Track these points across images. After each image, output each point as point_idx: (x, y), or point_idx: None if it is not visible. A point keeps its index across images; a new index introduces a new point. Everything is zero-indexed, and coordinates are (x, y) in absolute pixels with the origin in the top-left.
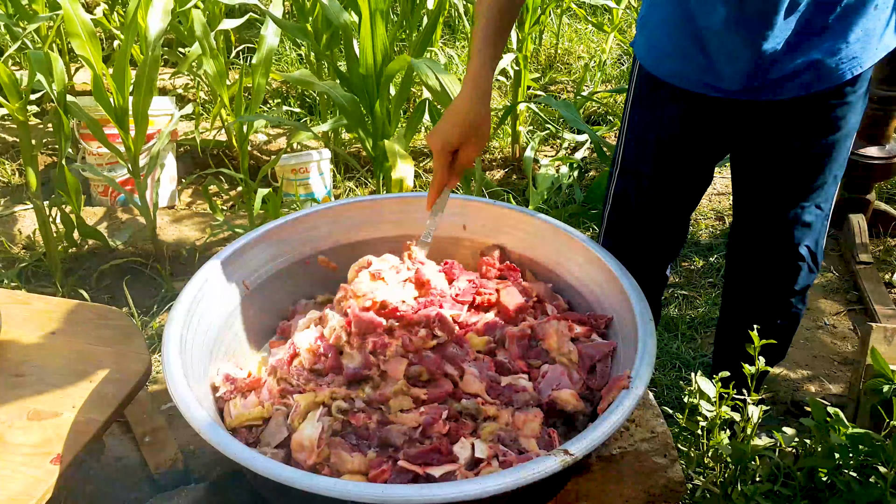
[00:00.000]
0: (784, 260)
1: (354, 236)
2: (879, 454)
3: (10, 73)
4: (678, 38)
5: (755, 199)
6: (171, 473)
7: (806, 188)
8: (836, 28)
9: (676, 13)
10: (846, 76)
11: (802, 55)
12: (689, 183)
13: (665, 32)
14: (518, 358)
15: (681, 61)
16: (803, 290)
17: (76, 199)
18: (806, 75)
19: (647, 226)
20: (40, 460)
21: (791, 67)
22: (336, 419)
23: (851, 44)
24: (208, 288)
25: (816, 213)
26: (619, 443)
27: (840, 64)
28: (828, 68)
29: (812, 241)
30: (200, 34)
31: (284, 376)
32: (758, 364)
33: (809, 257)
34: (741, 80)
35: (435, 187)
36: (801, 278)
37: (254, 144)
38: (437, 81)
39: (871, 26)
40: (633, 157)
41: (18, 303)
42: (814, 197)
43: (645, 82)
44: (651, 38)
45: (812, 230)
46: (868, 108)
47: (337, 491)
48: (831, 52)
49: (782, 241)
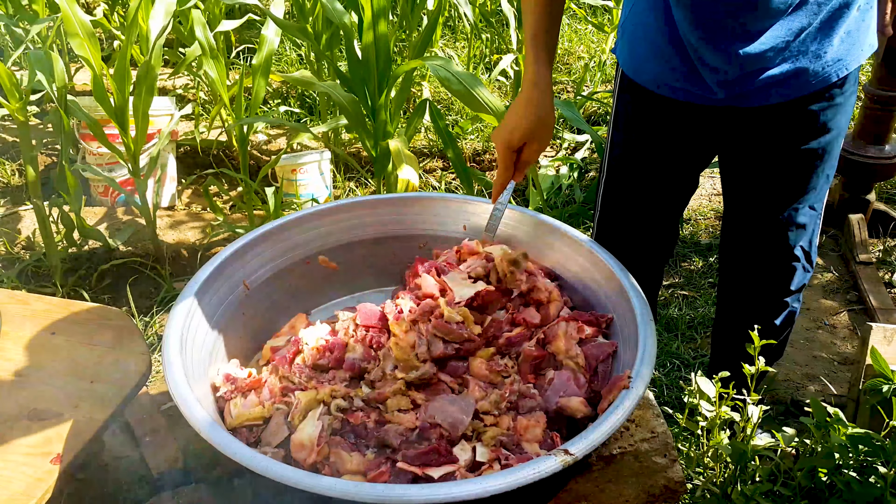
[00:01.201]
0: (779, 261)
1: (354, 236)
2: (879, 454)
3: (11, 73)
4: (661, 46)
5: (747, 202)
6: (171, 473)
7: (799, 190)
8: (820, 32)
9: (659, 21)
10: (832, 79)
11: (788, 61)
12: (678, 187)
13: (647, 40)
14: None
15: (664, 69)
16: (799, 290)
17: (76, 200)
18: (792, 80)
19: (637, 229)
20: (40, 460)
21: (777, 74)
22: (335, 417)
23: (836, 47)
24: (208, 288)
25: (810, 214)
26: (619, 443)
27: (826, 67)
28: (814, 72)
29: (806, 241)
30: (201, 35)
31: (286, 374)
32: (758, 364)
33: (804, 257)
34: (726, 88)
35: (498, 183)
36: (796, 278)
37: (254, 144)
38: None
39: (854, 28)
40: (621, 163)
41: (18, 303)
42: (807, 198)
43: (629, 88)
44: (633, 45)
45: (806, 231)
46: (868, 108)
47: (337, 491)
48: (817, 55)
49: (777, 243)
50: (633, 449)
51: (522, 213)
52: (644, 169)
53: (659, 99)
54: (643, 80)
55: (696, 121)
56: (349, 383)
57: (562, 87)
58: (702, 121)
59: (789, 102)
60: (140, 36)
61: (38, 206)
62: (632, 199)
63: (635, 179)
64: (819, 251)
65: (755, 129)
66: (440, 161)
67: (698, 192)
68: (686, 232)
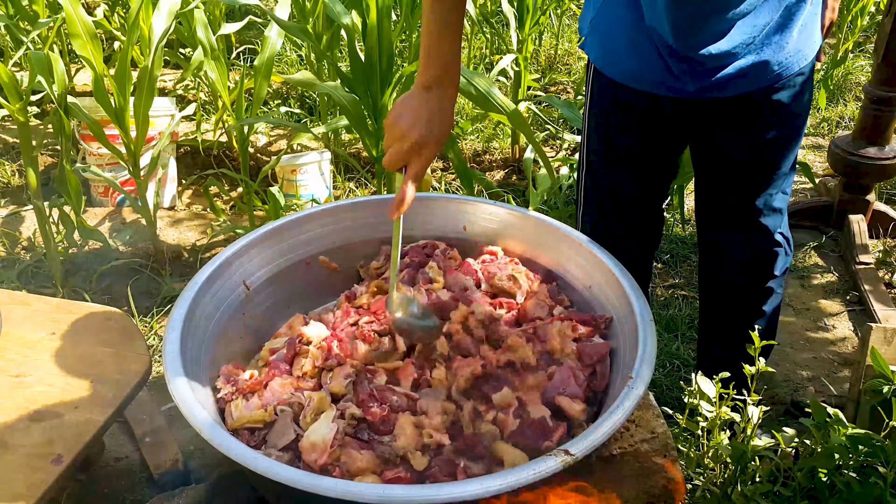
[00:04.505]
0: (763, 249)
1: (355, 237)
2: (879, 454)
3: (11, 73)
4: (634, 42)
5: (723, 190)
6: (171, 474)
7: (771, 175)
8: (780, 26)
9: (630, 18)
10: (794, 68)
11: (753, 53)
12: (656, 174)
13: (620, 36)
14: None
15: (637, 64)
16: (783, 273)
17: (77, 200)
18: (759, 71)
19: (621, 222)
20: (40, 460)
21: (744, 66)
22: (350, 424)
23: (795, 38)
24: (209, 289)
25: (783, 199)
26: (619, 443)
27: (788, 58)
28: (777, 63)
29: (784, 226)
30: (203, 36)
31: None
32: (758, 364)
33: (785, 242)
34: (696, 81)
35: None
36: (779, 262)
37: (254, 145)
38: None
39: (809, 21)
40: (598, 157)
41: (18, 303)
42: (779, 184)
43: (601, 83)
44: (605, 41)
45: (782, 215)
46: (868, 108)
47: (338, 491)
48: (780, 47)
49: (758, 230)
50: (633, 449)
51: (522, 213)
52: (621, 160)
53: (631, 92)
54: (615, 75)
55: (669, 112)
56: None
57: (562, 88)
58: (674, 112)
59: (756, 91)
60: (141, 37)
61: (39, 206)
62: (612, 190)
63: (613, 171)
64: (819, 251)
65: (725, 118)
66: (440, 161)
67: None
68: (686, 232)
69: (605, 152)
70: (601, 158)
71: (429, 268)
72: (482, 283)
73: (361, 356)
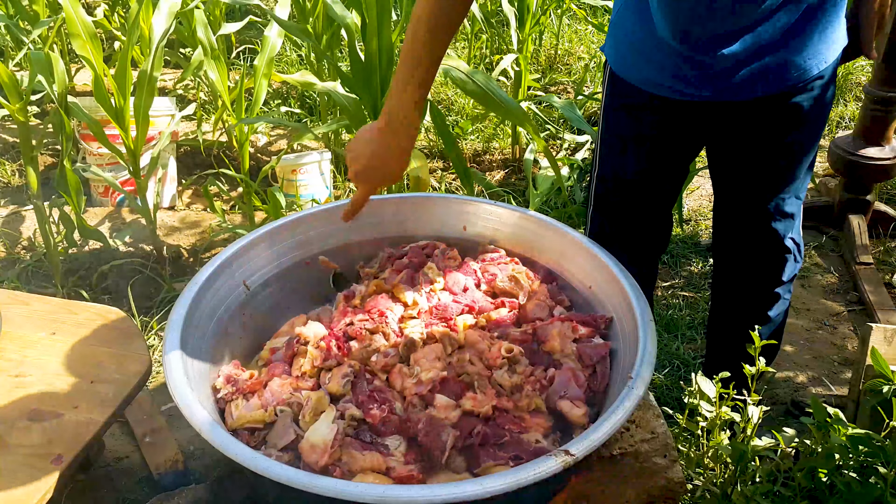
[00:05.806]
0: (772, 253)
1: (355, 236)
2: (879, 454)
3: (11, 73)
4: (647, 47)
5: (735, 193)
6: (171, 473)
7: (784, 180)
8: (799, 28)
9: (644, 22)
10: (813, 72)
11: (770, 56)
12: (667, 180)
13: (635, 40)
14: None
15: (651, 68)
16: (790, 280)
17: (77, 200)
18: (775, 75)
19: (630, 224)
20: (40, 461)
21: (760, 69)
22: (350, 425)
23: (815, 41)
24: (209, 289)
25: (796, 203)
26: (619, 443)
27: (807, 61)
28: (795, 66)
29: (796, 232)
30: (203, 36)
31: (291, 373)
32: (758, 364)
33: (795, 248)
34: (711, 85)
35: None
36: (787, 269)
37: (254, 145)
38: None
39: (829, 23)
40: (611, 159)
41: (18, 303)
42: (792, 188)
43: (617, 86)
44: (622, 44)
45: (794, 220)
46: (868, 108)
47: (337, 491)
48: (797, 50)
49: (768, 234)
50: (633, 450)
51: (522, 214)
52: (634, 162)
53: (647, 95)
54: (631, 78)
55: (684, 116)
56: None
57: (562, 88)
58: (689, 116)
59: (773, 95)
60: (141, 37)
61: (39, 206)
62: (623, 191)
63: (625, 172)
64: (819, 251)
65: (741, 122)
66: (440, 161)
67: (698, 193)
68: (686, 232)
69: (619, 154)
70: (614, 160)
71: (428, 268)
72: (482, 284)
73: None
